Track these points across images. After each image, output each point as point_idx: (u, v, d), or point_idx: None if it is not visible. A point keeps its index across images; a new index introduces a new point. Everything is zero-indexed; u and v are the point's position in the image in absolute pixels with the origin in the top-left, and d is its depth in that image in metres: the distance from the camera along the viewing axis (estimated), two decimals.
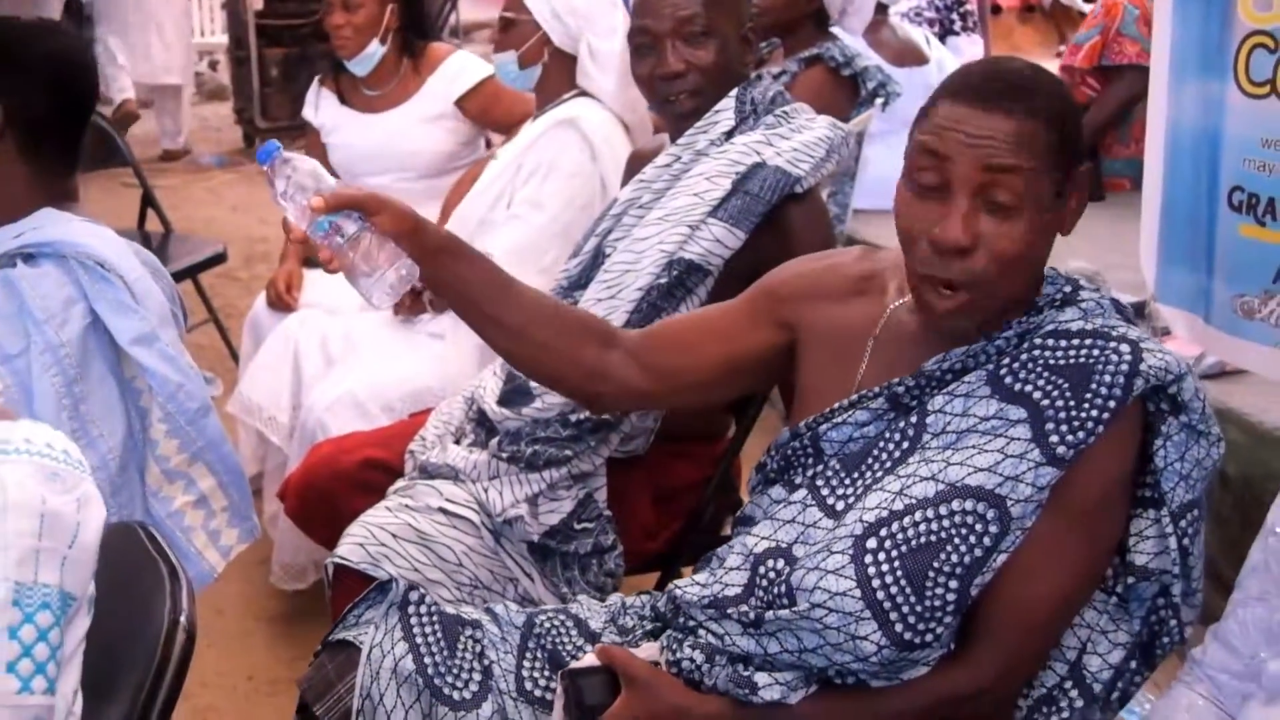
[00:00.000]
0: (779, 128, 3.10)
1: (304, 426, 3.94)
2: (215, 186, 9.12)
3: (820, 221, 3.12)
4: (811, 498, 2.22)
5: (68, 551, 1.85)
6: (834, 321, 2.37)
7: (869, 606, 2.04)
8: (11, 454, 1.85)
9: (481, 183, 4.15)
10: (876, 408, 2.23)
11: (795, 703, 2.14)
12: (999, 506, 2.03)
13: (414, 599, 2.40)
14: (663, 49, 3.10)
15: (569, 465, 3.00)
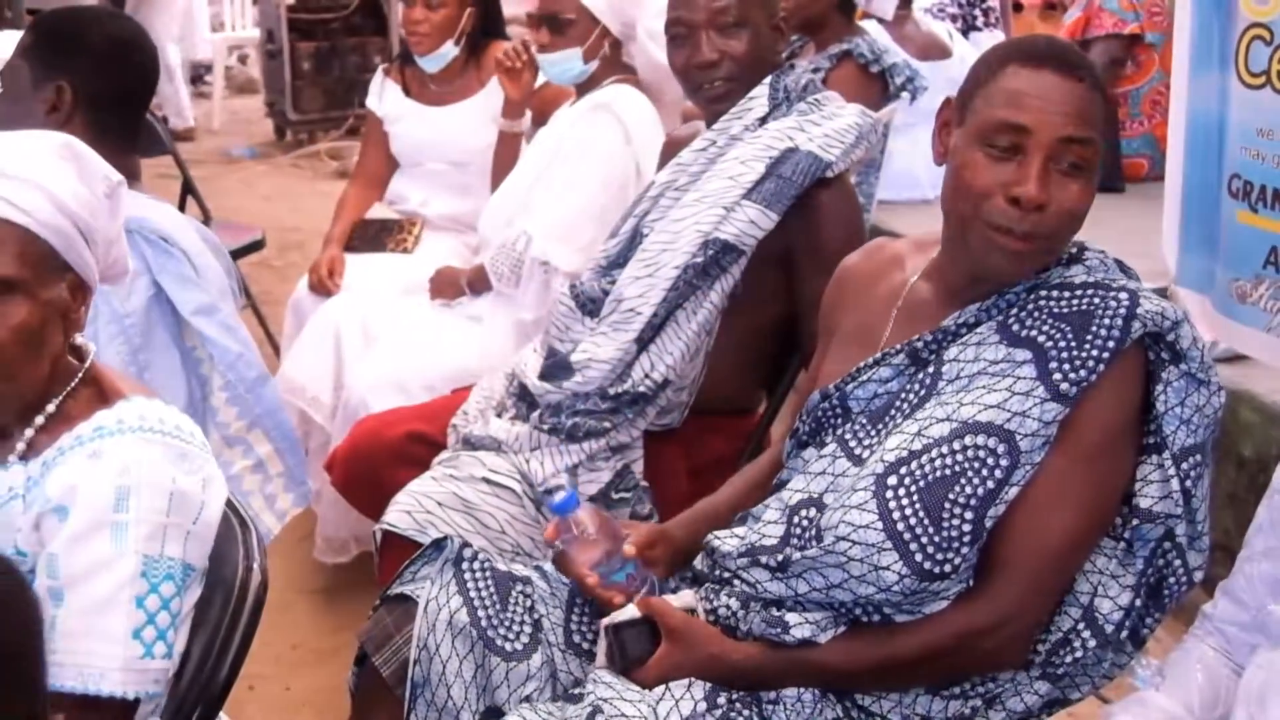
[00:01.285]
0: (811, 114, 3.22)
1: (346, 405, 4.07)
2: (247, 177, 9.23)
3: (849, 205, 3.24)
4: (841, 450, 2.36)
5: (191, 527, 1.99)
6: (860, 310, 2.54)
7: (890, 537, 2.18)
8: (147, 434, 1.98)
9: (520, 166, 4.28)
10: (898, 363, 2.37)
11: (825, 641, 2.27)
12: (1008, 441, 2.17)
13: (467, 555, 2.52)
14: (697, 39, 3.21)
15: (607, 437, 3.13)
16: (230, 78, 11.78)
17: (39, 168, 2.02)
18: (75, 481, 1.94)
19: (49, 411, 2.07)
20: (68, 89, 2.82)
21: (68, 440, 2.01)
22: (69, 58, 2.83)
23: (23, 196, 1.99)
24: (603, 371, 3.11)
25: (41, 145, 2.08)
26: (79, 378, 2.10)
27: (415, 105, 4.86)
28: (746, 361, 3.28)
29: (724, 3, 3.19)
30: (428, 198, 4.86)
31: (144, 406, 2.04)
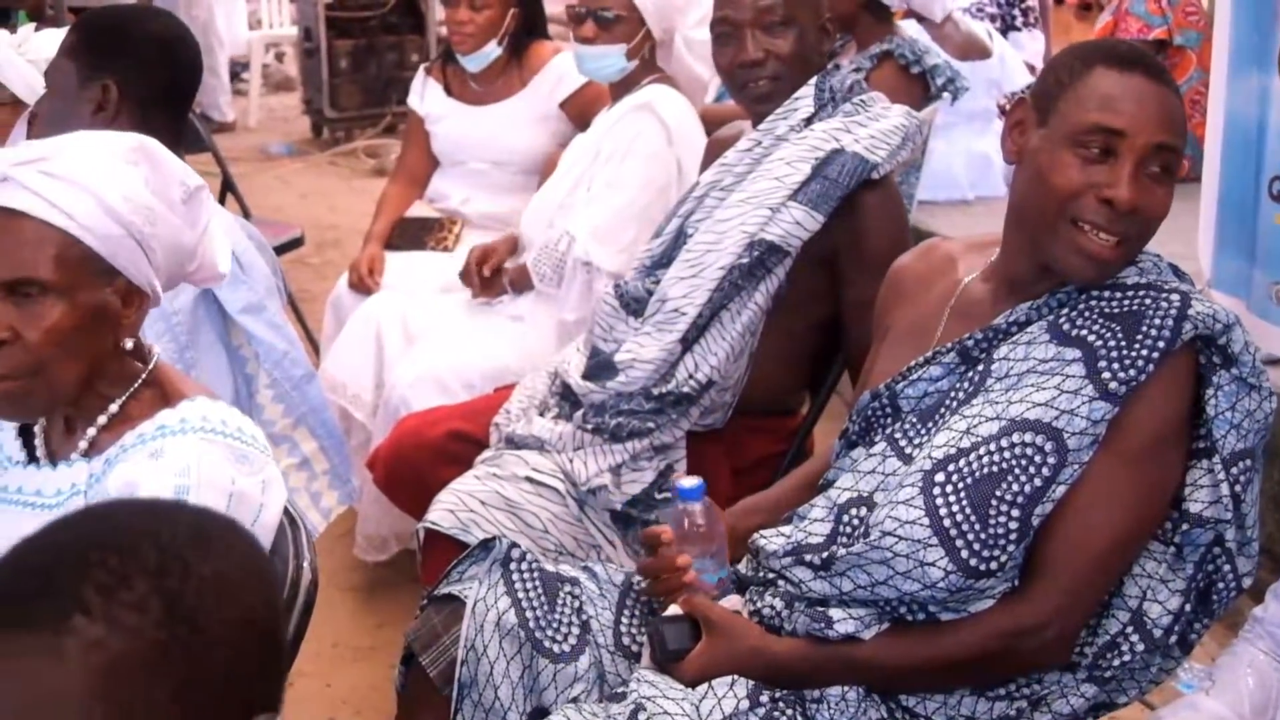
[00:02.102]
0: (856, 115, 3.21)
1: (387, 403, 4.08)
2: (284, 175, 9.25)
3: (894, 207, 3.23)
4: (890, 449, 2.37)
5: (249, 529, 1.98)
6: (913, 310, 2.55)
7: (936, 534, 2.18)
8: (209, 434, 1.99)
9: (561, 167, 4.29)
10: (949, 362, 2.38)
11: (868, 638, 2.27)
12: (1056, 439, 2.18)
13: (515, 556, 2.52)
14: (743, 38, 3.21)
15: (651, 437, 3.13)
16: (267, 75, 11.80)
17: (92, 171, 2.02)
18: (135, 479, 1.95)
19: (112, 411, 2.08)
20: (113, 87, 2.83)
21: (130, 438, 2.02)
22: (114, 56, 2.85)
23: (66, 199, 1.99)
24: (646, 372, 3.11)
25: (107, 148, 2.08)
26: (142, 379, 2.11)
27: (457, 104, 4.86)
28: (790, 362, 3.28)
29: (770, 1, 3.19)
30: (469, 196, 4.86)
31: (207, 407, 2.04)
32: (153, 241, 2.05)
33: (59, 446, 2.13)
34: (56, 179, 2.00)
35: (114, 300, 2.04)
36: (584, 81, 4.70)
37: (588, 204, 4.09)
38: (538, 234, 4.22)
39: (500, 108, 4.81)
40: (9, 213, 1.99)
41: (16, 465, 2.16)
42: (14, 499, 2.06)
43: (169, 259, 2.10)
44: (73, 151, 2.05)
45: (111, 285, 2.04)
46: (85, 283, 2.01)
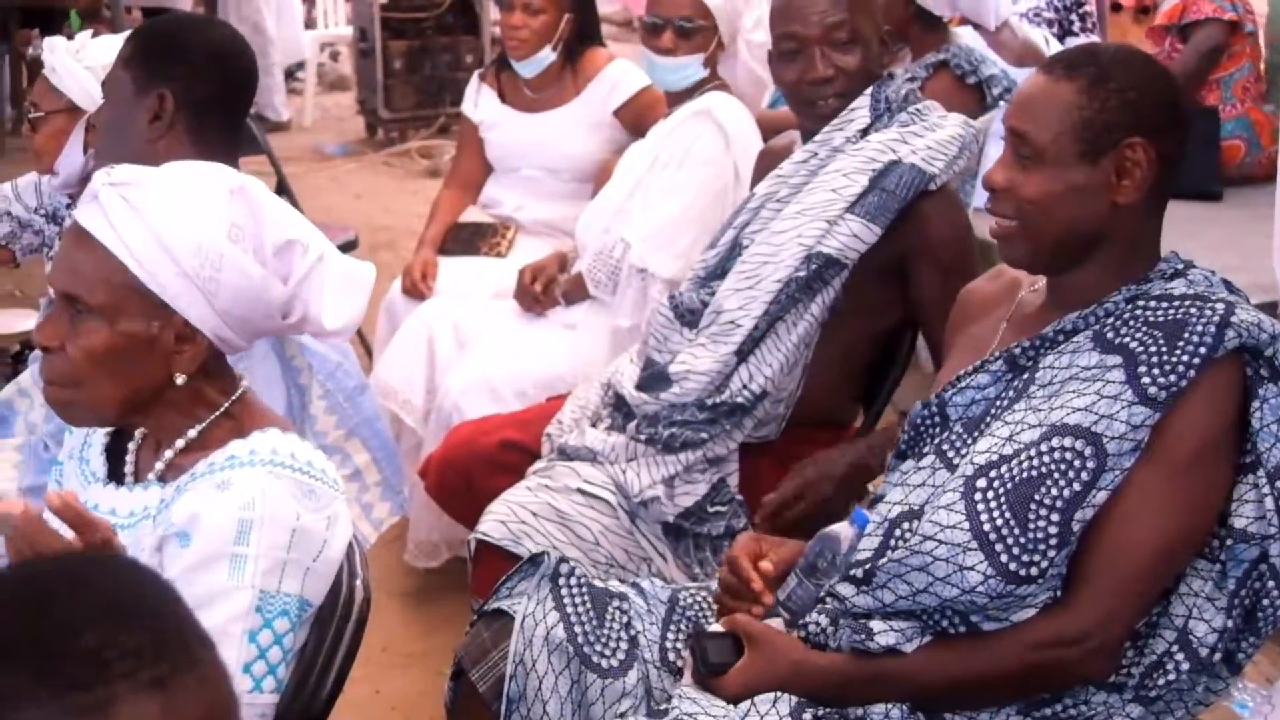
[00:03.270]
0: (912, 125, 3.20)
1: (440, 410, 4.09)
2: (338, 175, 9.28)
3: (955, 213, 3.24)
4: (939, 461, 2.37)
5: (311, 564, 1.99)
6: (975, 329, 2.56)
7: (975, 537, 2.19)
8: (277, 468, 1.99)
9: (618, 174, 4.28)
10: (996, 370, 2.39)
11: (910, 651, 2.27)
12: (1095, 443, 2.18)
13: (564, 571, 2.53)
14: (811, 55, 3.20)
15: (704, 448, 3.13)
16: (321, 74, 11.85)
17: (169, 208, 2.01)
18: (199, 510, 1.95)
19: (190, 436, 2.09)
20: (169, 97, 2.84)
21: (201, 467, 2.02)
22: (169, 66, 2.86)
23: (132, 232, 1.99)
24: (701, 383, 3.11)
25: (203, 185, 2.07)
26: (224, 408, 2.11)
27: (511, 111, 4.86)
28: (845, 374, 3.27)
29: (838, 18, 3.18)
30: (522, 203, 4.86)
31: (278, 440, 2.04)
32: (216, 288, 2.02)
33: (144, 467, 2.15)
34: (131, 209, 2.00)
35: (165, 335, 2.03)
36: (638, 89, 4.70)
37: (644, 209, 4.09)
38: (594, 240, 4.22)
39: (554, 115, 4.80)
40: (83, 231, 2.02)
41: (98, 482, 2.18)
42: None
43: (244, 307, 2.06)
44: (164, 184, 2.05)
45: (164, 321, 2.03)
46: (131, 313, 2.01)
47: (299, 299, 2.13)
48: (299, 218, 2.17)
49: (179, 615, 1.21)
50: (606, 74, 4.78)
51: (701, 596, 2.60)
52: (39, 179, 3.71)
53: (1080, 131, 2.28)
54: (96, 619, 1.14)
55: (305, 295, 2.13)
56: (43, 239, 3.82)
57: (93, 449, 2.24)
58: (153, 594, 1.22)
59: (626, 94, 4.73)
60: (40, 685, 1.09)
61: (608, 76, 4.77)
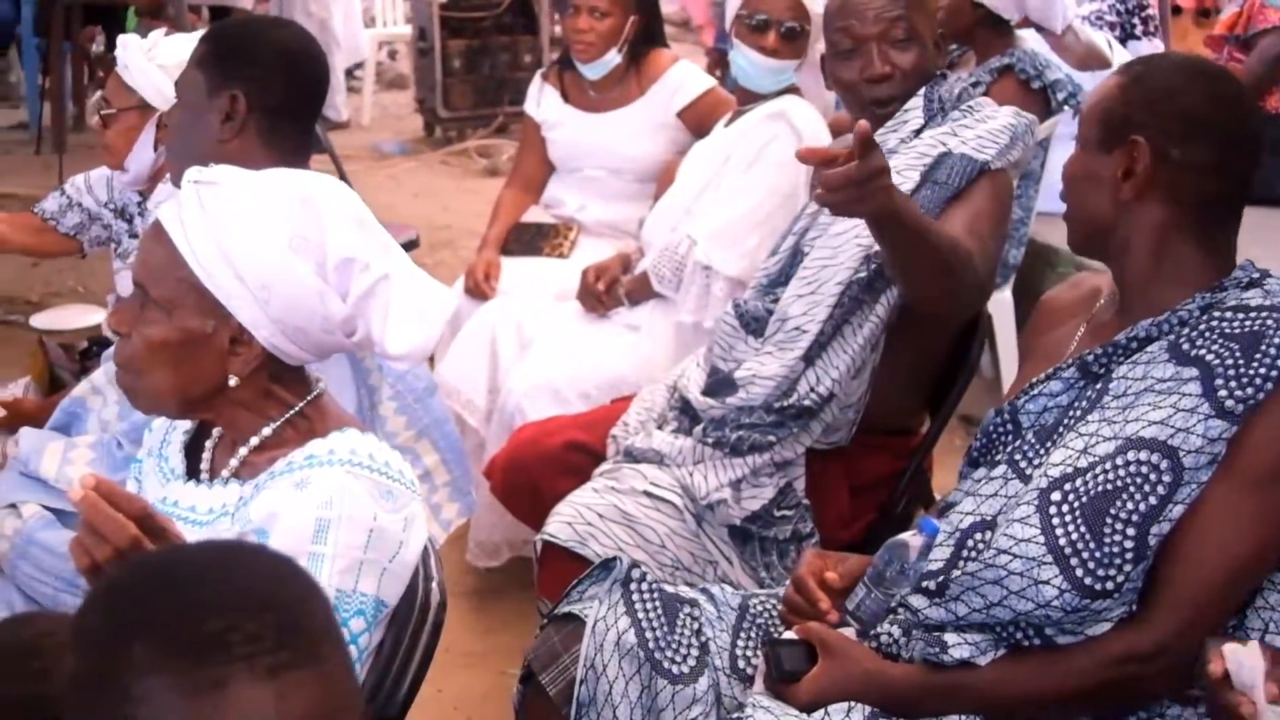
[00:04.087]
0: (963, 119, 3.18)
1: (502, 410, 4.10)
2: (396, 173, 9.30)
3: (997, 194, 3.14)
4: (1011, 471, 2.36)
5: (388, 565, 2.00)
6: (1053, 335, 2.55)
7: (1051, 551, 2.18)
8: (355, 468, 2.00)
9: (687, 173, 4.28)
10: (1069, 376, 2.39)
11: (984, 664, 2.26)
12: (1171, 457, 2.17)
13: (636, 576, 2.53)
14: (868, 52, 3.19)
15: (772, 451, 3.12)
16: (380, 73, 11.89)
17: (235, 213, 2.03)
18: (278, 508, 1.96)
19: (265, 434, 2.10)
20: (241, 98, 2.86)
21: (280, 465, 2.04)
22: (241, 67, 2.88)
23: (198, 232, 2.02)
24: (767, 388, 3.11)
25: (272, 193, 2.07)
26: (298, 408, 2.12)
27: (574, 111, 4.87)
28: (912, 379, 3.27)
29: (896, 13, 3.17)
30: (585, 203, 4.87)
31: (356, 440, 2.05)
32: (268, 295, 2.03)
33: (221, 466, 2.16)
34: (203, 209, 2.03)
35: (220, 336, 2.05)
36: (703, 90, 4.71)
37: (712, 208, 4.10)
38: (660, 238, 4.23)
39: (617, 115, 4.81)
40: (160, 225, 2.06)
41: (177, 479, 2.20)
42: (173, 511, 2.09)
43: (300, 318, 2.06)
44: (238, 187, 2.06)
45: (220, 321, 2.04)
46: (188, 309, 2.04)
47: (359, 317, 2.11)
48: (368, 236, 2.12)
49: (310, 610, 1.27)
50: (671, 75, 4.78)
51: (772, 604, 2.60)
52: (110, 173, 3.74)
53: (1103, 119, 2.34)
54: (228, 604, 1.23)
55: (366, 314, 2.11)
56: (110, 233, 3.86)
57: (171, 446, 2.26)
58: (290, 587, 1.28)
59: (691, 95, 4.73)
60: (166, 658, 1.20)
61: (672, 78, 4.78)
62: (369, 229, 2.13)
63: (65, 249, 4.01)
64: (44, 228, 3.89)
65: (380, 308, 2.10)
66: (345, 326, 2.10)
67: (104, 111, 3.62)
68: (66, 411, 3.06)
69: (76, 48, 9.97)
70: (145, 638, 1.21)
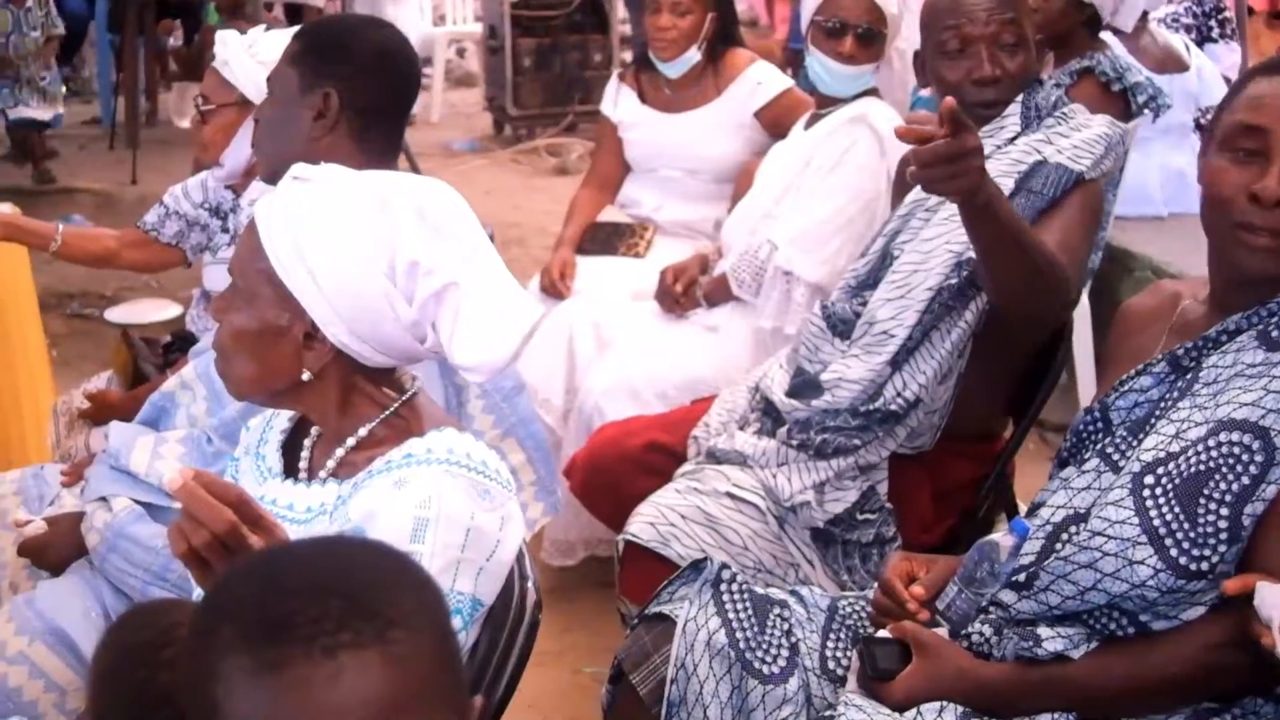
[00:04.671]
0: (1058, 127, 3.17)
1: (580, 410, 4.11)
2: (467, 171, 9.33)
3: (1090, 205, 3.14)
4: (1104, 464, 2.35)
5: (485, 564, 2.00)
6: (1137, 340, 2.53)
7: (1145, 532, 2.18)
8: (453, 467, 2.01)
9: (766, 175, 4.28)
10: (1159, 371, 2.38)
11: (1078, 657, 2.25)
12: (1263, 438, 2.16)
13: (726, 577, 2.53)
14: (978, 54, 3.17)
15: (856, 455, 3.12)
16: (449, 70, 11.96)
17: (314, 211, 2.04)
18: (376, 508, 1.97)
19: (361, 434, 2.11)
20: (334, 96, 2.87)
21: (378, 464, 2.04)
22: (336, 65, 2.88)
23: (279, 226, 2.04)
24: (854, 392, 3.10)
25: (353, 194, 2.07)
26: (394, 408, 2.13)
27: (651, 111, 4.87)
28: (997, 385, 3.25)
29: (1007, 16, 3.16)
30: (661, 203, 4.87)
31: (453, 439, 2.06)
32: (338, 294, 2.03)
33: (319, 464, 2.18)
34: (288, 205, 2.05)
35: (294, 331, 2.06)
36: (781, 90, 4.70)
37: (793, 212, 4.09)
38: (740, 241, 4.22)
39: (694, 115, 4.81)
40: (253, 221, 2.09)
41: (274, 477, 2.22)
42: (271, 509, 2.09)
43: (370, 319, 2.05)
44: (325, 185, 2.08)
45: (294, 316, 2.06)
46: (265, 301, 2.06)
47: (425, 322, 2.09)
48: (444, 242, 2.07)
49: (389, 598, 1.30)
50: (748, 75, 4.78)
51: (861, 605, 2.60)
52: (206, 175, 3.77)
53: None
54: (300, 589, 1.29)
55: (434, 320, 2.09)
56: (208, 235, 3.88)
57: (269, 445, 2.27)
58: (369, 574, 1.33)
59: (769, 95, 4.73)
60: (241, 640, 1.27)
61: (750, 77, 4.78)
62: (449, 235, 2.08)
63: (169, 261, 4.04)
64: (147, 240, 3.93)
65: (449, 315, 2.07)
66: (414, 331, 2.09)
67: (203, 107, 3.64)
68: (155, 406, 3.08)
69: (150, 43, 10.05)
70: (230, 620, 1.29)
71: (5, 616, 2.74)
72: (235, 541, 1.72)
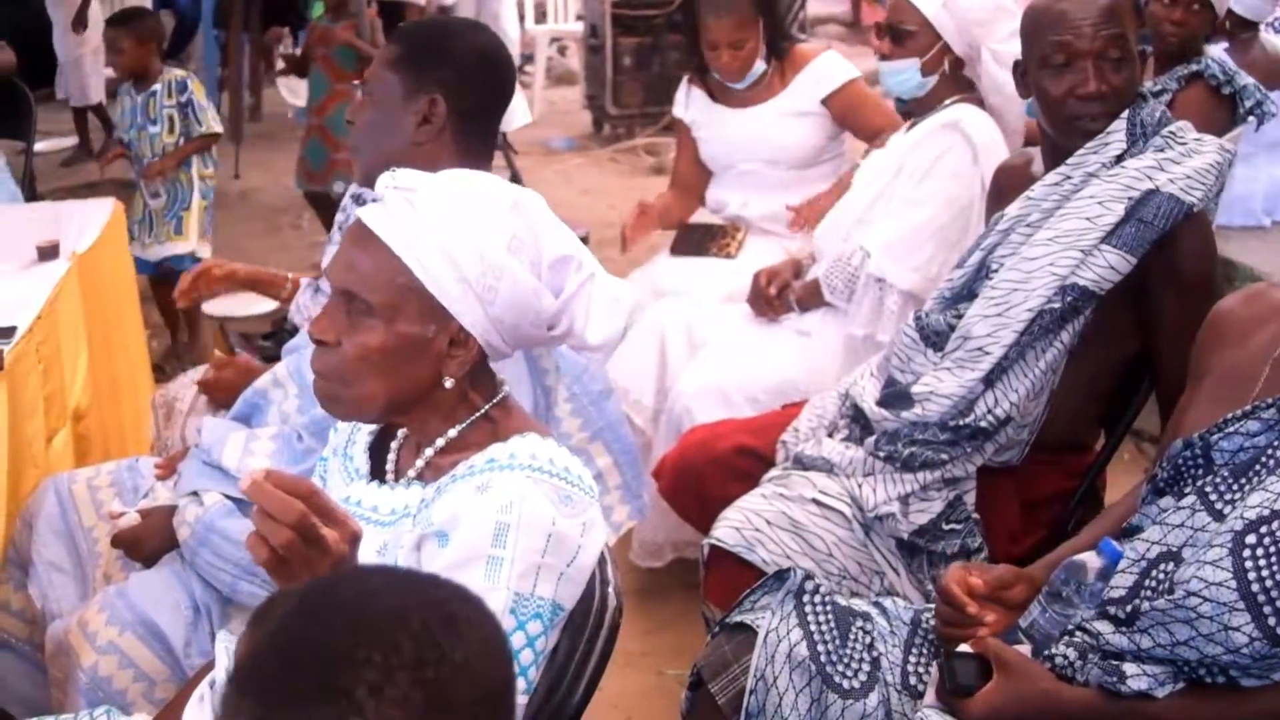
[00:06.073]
0: (1168, 151, 3.09)
1: (670, 411, 4.11)
2: (565, 170, 9.37)
3: (1205, 241, 3.11)
4: (1200, 503, 2.28)
5: (565, 569, 2.01)
6: (1233, 358, 2.45)
7: (1243, 598, 2.11)
8: (536, 473, 2.02)
9: (861, 182, 4.26)
10: (1268, 418, 2.30)
11: (1162, 697, 2.21)
12: None
13: (809, 588, 2.52)
14: (1083, 69, 3.11)
15: (943, 469, 3.09)
16: (549, 68, 12.00)
17: (452, 215, 2.05)
18: (459, 511, 1.98)
19: (450, 435, 2.12)
20: (441, 102, 2.88)
21: (462, 469, 2.05)
22: (439, 70, 2.89)
23: (416, 235, 2.03)
24: (944, 406, 3.08)
25: (483, 196, 2.11)
26: (483, 411, 2.15)
27: (720, 109, 4.89)
28: (1089, 399, 3.21)
29: (1114, 31, 3.09)
30: (746, 199, 4.88)
31: (536, 445, 2.07)
32: (493, 296, 2.06)
33: (404, 467, 2.19)
34: (416, 212, 2.05)
35: (440, 339, 2.07)
36: (846, 79, 4.76)
37: (885, 219, 4.08)
38: (832, 247, 4.21)
39: (764, 108, 4.82)
40: (368, 231, 2.06)
41: (361, 479, 2.23)
42: (356, 511, 2.12)
43: (515, 316, 2.10)
44: (447, 191, 2.09)
45: (440, 325, 2.06)
46: (408, 315, 2.05)
47: (567, 312, 2.18)
48: (571, 235, 2.20)
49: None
50: (815, 65, 4.81)
51: None
52: None
53: None
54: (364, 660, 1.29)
55: (574, 309, 2.18)
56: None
57: (356, 446, 2.29)
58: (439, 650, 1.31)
59: (834, 84, 4.76)
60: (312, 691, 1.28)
61: (816, 67, 4.81)
62: (566, 228, 2.20)
63: None
64: None
65: (585, 302, 2.19)
66: (551, 321, 2.17)
67: None
68: (248, 402, 3.11)
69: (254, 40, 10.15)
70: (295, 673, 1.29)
71: (97, 607, 2.78)
72: (308, 532, 1.74)
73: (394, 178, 2.10)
